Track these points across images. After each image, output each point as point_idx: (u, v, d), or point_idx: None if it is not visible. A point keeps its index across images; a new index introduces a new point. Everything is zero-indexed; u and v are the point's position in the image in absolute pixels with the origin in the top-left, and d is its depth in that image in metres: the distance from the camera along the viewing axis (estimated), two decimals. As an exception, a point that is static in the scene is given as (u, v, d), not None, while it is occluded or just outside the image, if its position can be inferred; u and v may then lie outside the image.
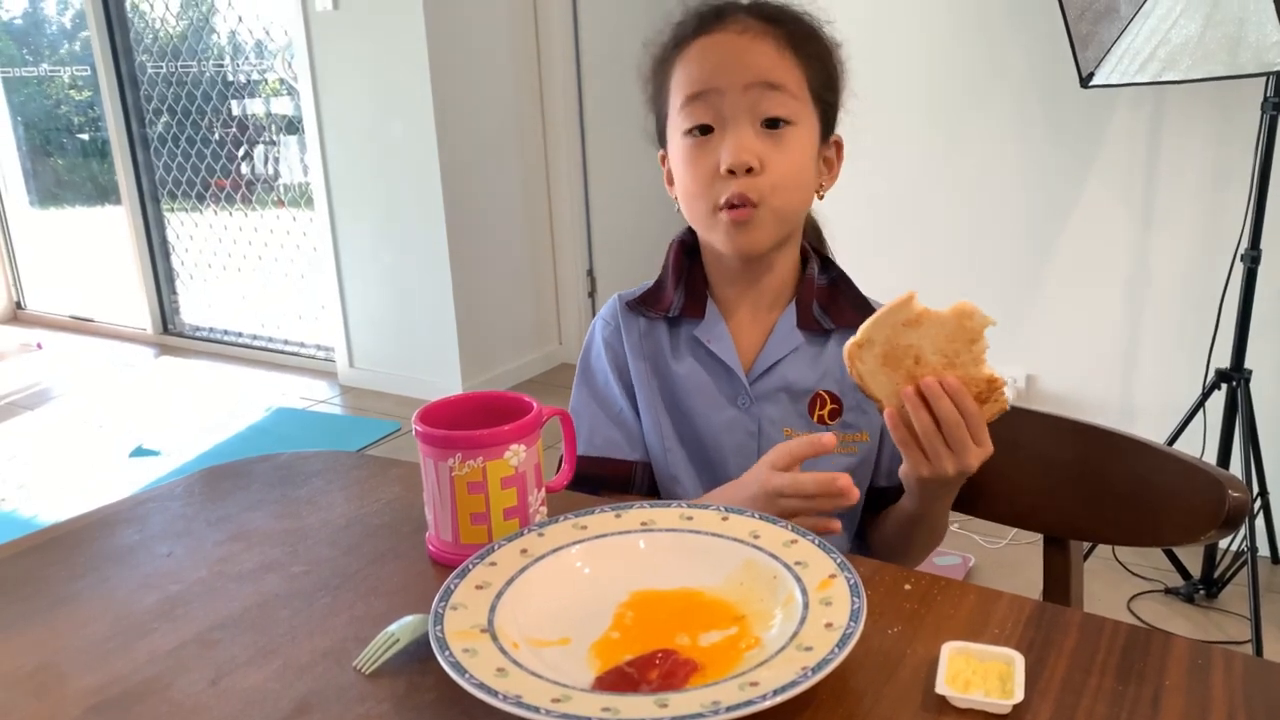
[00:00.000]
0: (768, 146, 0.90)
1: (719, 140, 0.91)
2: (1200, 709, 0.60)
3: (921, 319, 0.77)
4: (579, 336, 3.90)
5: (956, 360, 0.79)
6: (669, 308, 1.00)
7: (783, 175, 0.91)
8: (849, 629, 0.62)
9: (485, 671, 0.60)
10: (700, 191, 0.93)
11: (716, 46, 0.92)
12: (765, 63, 0.90)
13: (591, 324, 1.07)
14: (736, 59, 0.90)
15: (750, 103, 0.90)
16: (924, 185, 2.51)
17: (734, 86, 0.89)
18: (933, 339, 0.78)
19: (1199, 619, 2.08)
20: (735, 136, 0.90)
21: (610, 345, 1.03)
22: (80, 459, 3.20)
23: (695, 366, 0.99)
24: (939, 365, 0.79)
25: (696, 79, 0.91)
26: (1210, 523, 0.90)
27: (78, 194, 4.92)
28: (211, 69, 4.06)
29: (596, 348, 1.04)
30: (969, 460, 0.81)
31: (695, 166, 0.93)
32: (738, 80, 0.89)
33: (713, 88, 0.90)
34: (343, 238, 3.64)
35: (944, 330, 0.78)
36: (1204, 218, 2.23)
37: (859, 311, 0.98)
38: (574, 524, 0.79)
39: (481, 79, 3.44)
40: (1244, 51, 1.76)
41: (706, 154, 0.91)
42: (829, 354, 0.99)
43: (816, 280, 1.01)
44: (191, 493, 0.99)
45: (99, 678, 0.68)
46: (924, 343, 0.79)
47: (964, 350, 0.79)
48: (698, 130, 0.92)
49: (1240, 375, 1.96)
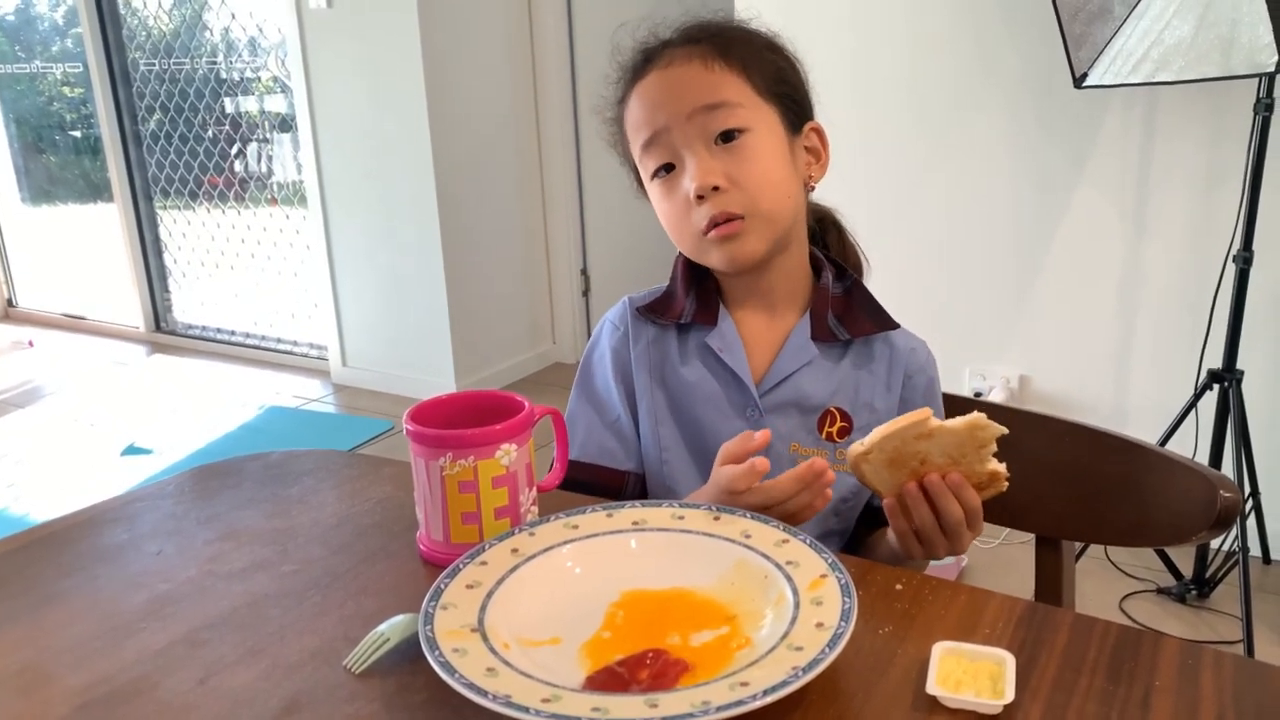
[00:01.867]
0: (729, 162, 0.90)
1: (680, 175, 0.92)
2: (1190, 709, 0.60)
3: (934, 433, 0.77)
4: (573, 336, 3.90)
5: (962, 461, 0.79)
6: (680, 314, 0.99)
7: (755, 183, 0.91)
8: (840, 629, 0.62)
9: (475, 671, 0.60)
10: (680, 224, 0.94)
11: (651, 88, 0.93)
12: (697, 85, 0.91)
13: (599, 324, 1.05)
14: (670, 93, 0.92)
15: (698, 128, 0.90)
16: (917, 186, 2.52)
17: (677, 119, 0.91)
18: (942, 448, 0.79)
19: (1191, 619, 2.09)
20: (693, 163, 0.91)
21: (616, 351, 1.01)
22: (72, 457, 3.19)
23: (705, 374, 0.97)
24: (944, 465, 0.80)
25: (643, 123, 0.93)
26: (1202, 523, 0.90)
27: (70, 191, 4.91)
28: (204, 66, 4.05)
29: (601, 350, 1.03)
30: (963, 546, 0.82)
31: (669, 204, 0.94)
32: (678, 112, 0.91)
33: (659, 128, 0.92)
34: (336, 236, 3.63)
35: (955, 440, 0.78)
36: (1196, 219, 2.23)
37: (875, 321, 0.97)
38: (565, 523, 0.78)
39: (476, 77, 3.44)
40: (1236, 53, 1.76)
41: (675, 189, 0.93)
42: (844, 368, 0.97)
43: (831, 289, 0.99)
44: (182, 491, 0.99)
45: (86, 677, 0.68)
46: (933, 450, 0.79)
47: (971, 453, 0.79)
48: (662, 170, 0.94)
49: (1232, 376, 1.97)
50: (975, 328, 2.53)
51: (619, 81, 0.98)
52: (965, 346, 2.54)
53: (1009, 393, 2.52)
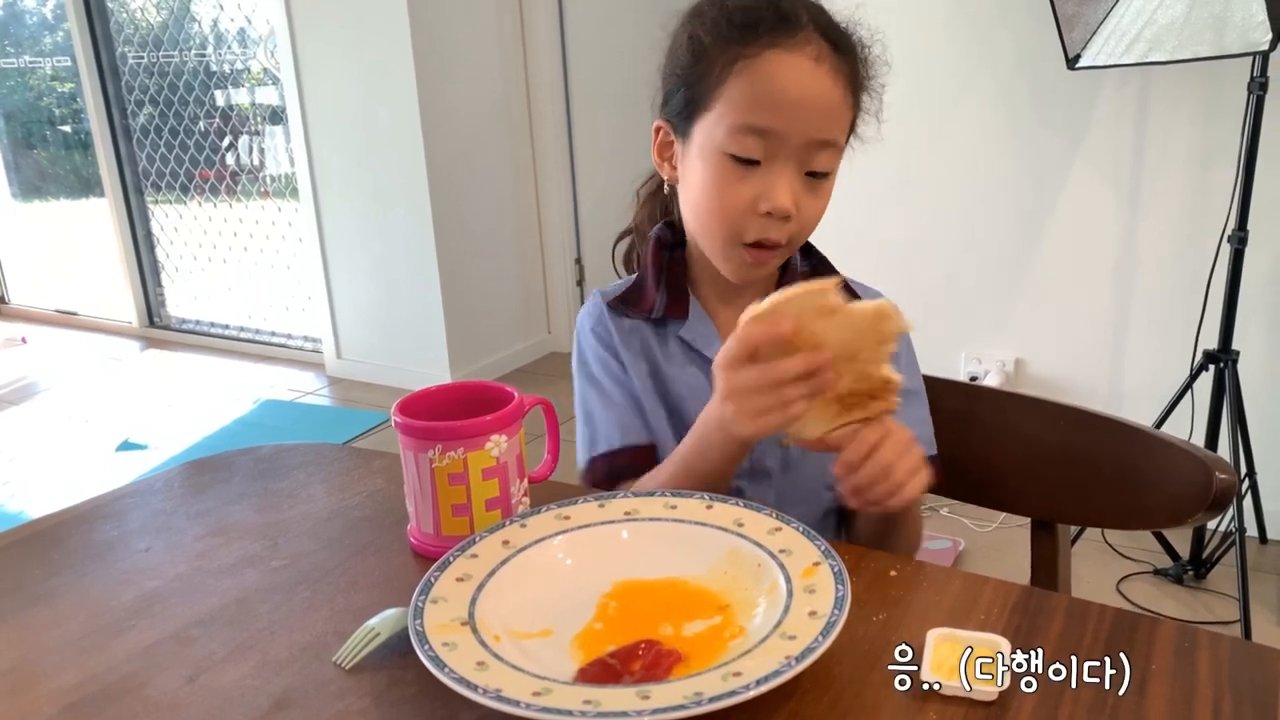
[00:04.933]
0: (803, 194, 0.88)
1: (761, 176, 0.86)
2: (1186, 691, 0.60)
3: (836, 312, 0.73)
4: (568, 325, 3.89)
5: (859, 356, 0.75)
6: (651, 309, 0.97)
7: (810, 220, 0.90)
8: (833, 617, 0.62)
9: (465, 665, 0.59)
10: (726, 220, 0.89)
11: (789, 81, 0.84)
12: (831, 117, 0.87)
13: (578, 323, 1.04)
14: (804, 106, 0.85)
15: (805, 154, 0.86)
16: (910, 169, 2.50)
17: (798, 136, 0.85)
18: (839, 331, 0.74)
19: (1188, 600, 2.09)
20: (784, 182, 0.86)
21: (602, 340, 1.00)
22: (67, 454, 3.18)
23: (692, 371, 0.97)
24: (839, 359, 0.75)
25: (764, 112, 0.85)
26: (1198, 505, 0.89)
27: (61, 187, 4.88)
28: (194, 59, 4.02)
29: (588, 343, 1.01)
30: (908, 494, 0.79)
31: (729, 195, 0.88)
32: (804, 132, 0.85)
33: (775, 130, 0.85)
34: (328, 228, 3.62)
35: (854, 327, 0.74)
36: (1191, 199, 2.22)
37: (843, 294, 0.97)
38: (557, 514, 0.78)
39: (467, 66, 3.42)
40: (1230, 31, 1.75)
41: (746, 186, 0.87)
42: None
43: (799, 269, 0.99)
44: (171, 487, 0.98)
45: (74, 676, 0.67)
46: (830, 333, 0.74)
47: (868, 349, 0.75)
48: (742, 159, 0.87)
49: (1228, 357, 1.96)
50: (970, 311, 2.53)
51: (750, 9, 0.86)
52: (960, 330, 2.53)
53: (1004, 376, 2.51)
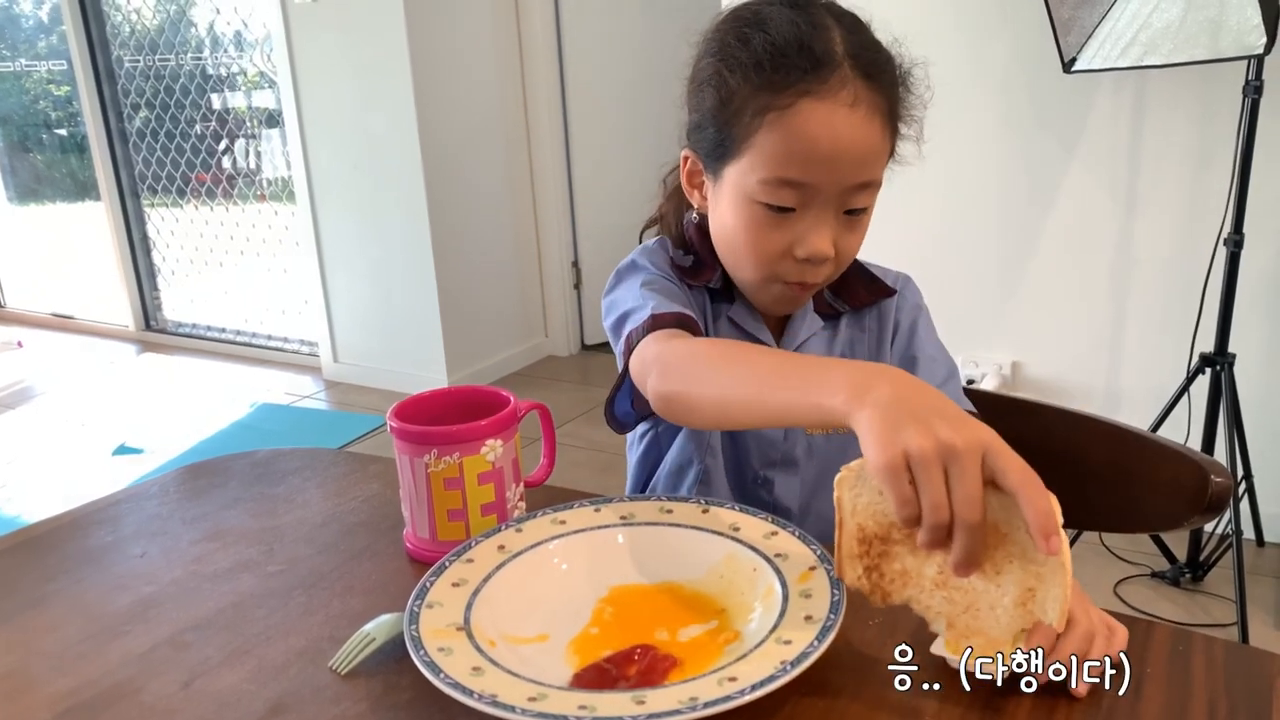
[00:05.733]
0: (841, 232, 0.84)
1: (797, 222, 0.83)
2: (1181, 695, 0.60)
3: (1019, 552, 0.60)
4: (565, 329, 3.89)
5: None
6: (711, 279, 0.94)
7: (848, 255, 0.88)
8: (829, 621, 0.62)
9: (460, 670, 0.59)
10: (760, 265, 0.86)
11: (826, 130, 0.79)
12: (869, 161, 0.83)
13: (635, 251, 0.97)
14: (845, 156, 0.80)
15: (843, 198, 0.83)
16: (907, 172, 2.50)
17: (834, 187, 0.81)
18: (1009, 556, 0.61)
19: (1185, 602, 2.09)
20: (821, 228, 0.83)
21: (664, 270, 0.93)
22: (63, 458, 3.17)
23: None
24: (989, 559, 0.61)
25: (798, 166, 0.80)
26: (1194, 508, 0.89)
27: (57, 190, 4.87)
28: (190, 62, 4.02)
29: (655, 259, 0.95)
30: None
31: (765, 241, 0.84)
32: (841, 183, 0.81)
33: (810, 183, 0.81)
34: (325, 232, 3.61)
35: (1024, 567, 0.61)
36: (1187, 202, 2.23)
37: (870, 290, 0.97)
38: (552, 519, 0.78)
39: (463, 70, 3.42)
40: (1225, 35, 1.75)
41: (781, 233, 0.83)
42: (841, 338, 0.97)
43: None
44: (166, 492, 0.98)
45: (70, 681, 0.67)
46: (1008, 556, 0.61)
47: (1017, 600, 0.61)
48: (775, 207, 0.83)
49: (1224, 359, 1.97)
50: (967, 314, 2.53)
51: (779, 52, 0.80)
52: (957, 333, 2.52)
53: (1001, 379, 2.51)
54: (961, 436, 0.56)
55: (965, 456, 0.56)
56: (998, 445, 0.57)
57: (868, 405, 0.59)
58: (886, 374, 0.63)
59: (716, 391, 0.74)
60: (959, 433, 0.56)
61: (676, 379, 0.77)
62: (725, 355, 0.77)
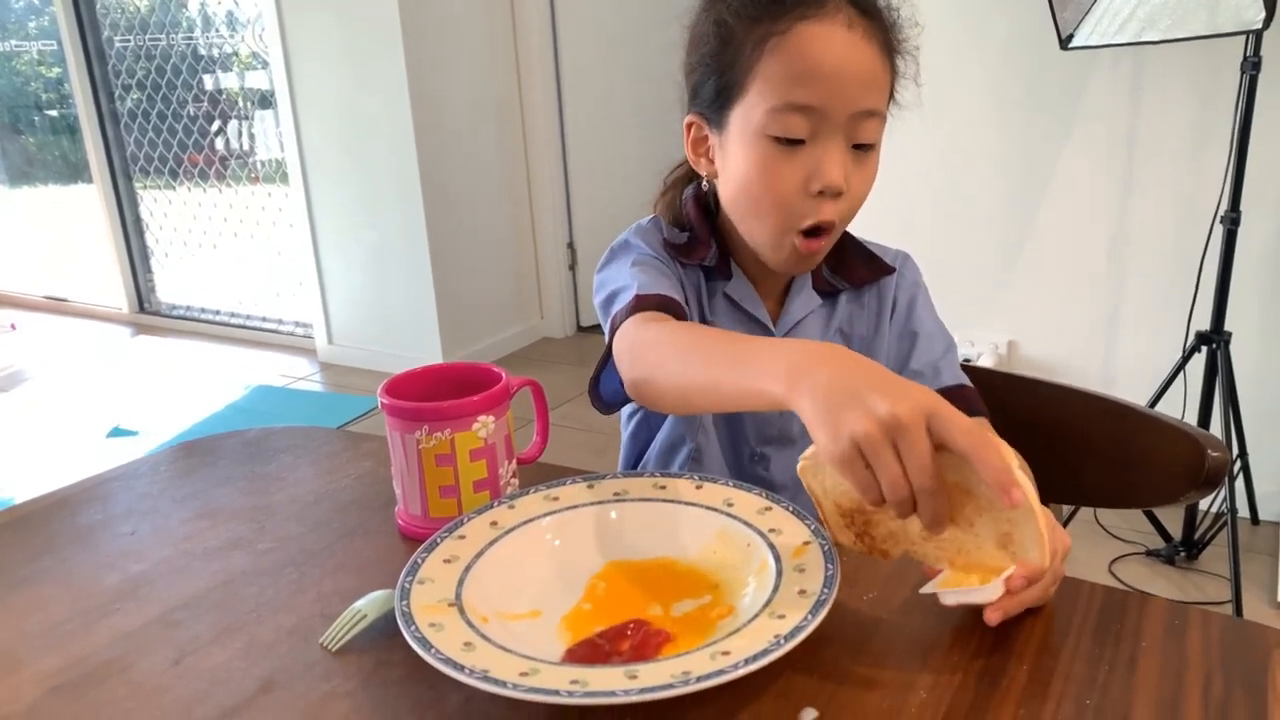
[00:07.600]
0: (852, 169, 0.85)
1: (808, 154, 0.83)
2: (1176, 668, 0.60)
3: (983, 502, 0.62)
4: (560, 310, 3.88)
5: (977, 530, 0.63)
6: (705, 257, 0.94)
7: (860, 195, 0.87)
8: (822, 595, 0.61)
9: (452, 646, 0.59)
10: (779, 206, 0.85)
11: (825, 53, 0.81)
12: (871, 85, 0.84)
13: (628, 231, 0.97)
14: (844, 78, 0.82)
15: (850, 127, 0.83)
16: (903, 151, 2.49)
17: (841, 109, 0.82)
18: (980, 509, 0.62)
19: (1180, 580, 2.09)
20: (833, 156, 0.83)
21: (657, 249, 0.94)
22: (57, 440, 3.16)
23: (732, 324, 0.95)
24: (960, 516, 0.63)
25: (803, 87, 0.81)
26: (1190, 483, 0.89)
27: (49, 172, 4.84)
28: (181, 42, 3.98)
29: (647, 240, 0.96)
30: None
31: (778, 179, 0.84)
32: (847, 104, 0.82)
33: (818, 105, 0.81)
34: (319, 213, 3.59)
35: (994, 516, 0.62)
36: (1184, 180, 2.22)
37: (869, 268, 0.97)
38: (545, 495, 0.77)
39: (457, 49, 3.39)
40: (1223, 10, 1.74)
41: (793, 167, 0.83)
42: (839, 314, 0.97)
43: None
44: (157, 470, 0.97)
45: (58, 659, 0.67)
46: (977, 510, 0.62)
47: (989, 535, 0.63)
48: (785, 139, 0.83)
49: (1220, 337, 1.96)
50: (963, 293, 2.52)
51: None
52: (953, 312, 2.49)
53: (997, 358, 2.51)
54: (904, 408, 0.57)
55: (911, 429, 0.57)
56: (943, 409, 0.58)
57: (805, 393, 0.61)
58: (822, 354, 0.64)
59: (677, 379, 0.77)
60: (900, 404, 0.57)
61: (642, 366, 0.80)
62: (686, 342, 0.78)
